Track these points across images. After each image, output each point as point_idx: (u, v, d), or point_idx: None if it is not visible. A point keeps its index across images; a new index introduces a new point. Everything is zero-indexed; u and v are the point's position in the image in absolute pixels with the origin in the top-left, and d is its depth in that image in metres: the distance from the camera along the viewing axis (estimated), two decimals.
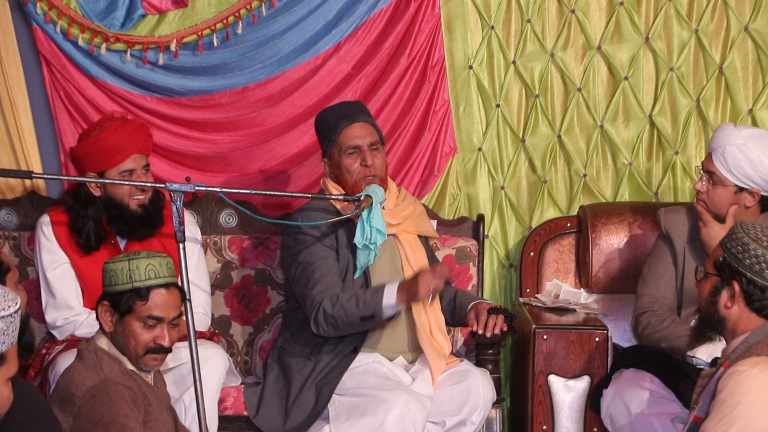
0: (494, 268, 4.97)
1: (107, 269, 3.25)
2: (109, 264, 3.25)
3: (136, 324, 3.22)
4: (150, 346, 3.24)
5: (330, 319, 3.95)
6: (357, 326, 3.98)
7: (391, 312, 3.91)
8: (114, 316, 3.23)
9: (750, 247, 3.06)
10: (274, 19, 4.78)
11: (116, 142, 4.07)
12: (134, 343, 3.23)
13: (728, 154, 4.04)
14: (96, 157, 4.08)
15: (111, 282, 3.23)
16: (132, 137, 4.11)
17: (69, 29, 4.66)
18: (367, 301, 3.92)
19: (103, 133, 4.09)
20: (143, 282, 3.20)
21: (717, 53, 4.91)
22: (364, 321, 3.94)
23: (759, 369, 2.91)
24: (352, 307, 3.93)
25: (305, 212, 4.18)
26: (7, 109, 4.71)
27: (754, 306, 3.07)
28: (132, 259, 3.21)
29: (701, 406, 3.04)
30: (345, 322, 3.94)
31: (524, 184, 4.99)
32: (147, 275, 3.20)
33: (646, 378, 3.97)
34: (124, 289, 3.21)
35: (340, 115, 4.16)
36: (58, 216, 4.18)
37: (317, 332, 4.00)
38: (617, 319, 4.71)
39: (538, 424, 4.26)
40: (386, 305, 3.90)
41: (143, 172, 4.13)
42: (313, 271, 4.03)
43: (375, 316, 3.92)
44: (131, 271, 3.19)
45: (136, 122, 4.25)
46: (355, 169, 4.12)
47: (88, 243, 4.13)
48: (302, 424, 4.01)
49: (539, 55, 4.91)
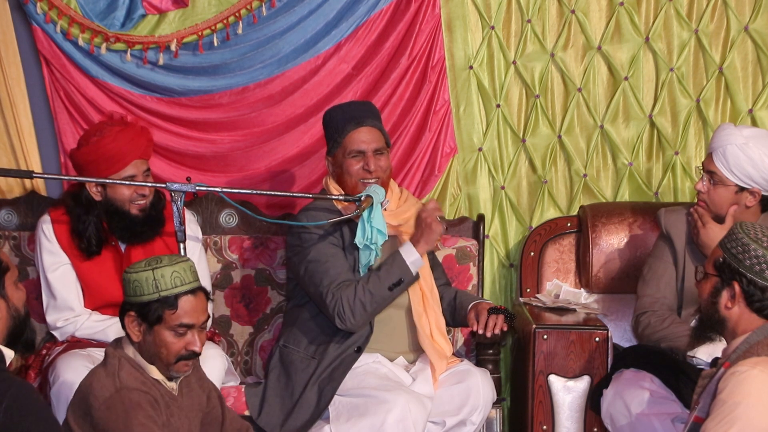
0: (494, 268, 4.97)
1: (130, 279, 3.16)
2: (131, 274, 3.17)
3: (166, 333, 3.15)
4: (182, 353, 3.19)
5: (356, 306, 3.96)
6: (387, 299, 4.02)
7: (417, 266, 4.02)
8: (142, 326, 3.17)
9: (750, 248, 3.06)
10: (275, 19, 4.78)
11: (117, 149, 4.04)
12: (166, 352, 3.18)
13: (729, 153, 4.04)
14: (97, 164, 4.06)
15: (136, 292, 3.15)
16: (132, 143, 4.08)
17: (69, 29, 4.66)
18: (389, 270, 3.99)
19: (104, 140, 4.05)
20: (170, 290, 3.13)
21: (717, 53, 4.91)
22: (394, 288, 4.00)
23: (759, 369, 2.91)
24: (376, 283, 3.98)
25: (309, 212, 4.19)
26: (7, 109, 4.71)
27: (754, 306, 3.07)
28: (156, 268, 3.14)
29: (702, 406, 3.04)
30: (373, 300, 3.98)
31: (524, 184, 5.00)
32: (173, 283, 3.13)
33: (647, 378, 3.97)
34: (151, 299, 3.14)
35: (348, 117, 4.16)
36: (59, 216, 4.16)
37: (343, 327, 4.00)
38: (617, 319, 4.71)
39: (538, 424, 4.26)
40: (411, 262, 4.00)
41: (144, 177, 4.12)
42: (326, 269, 4.04)
43: (403, 278, 3.99)
44: (156, 280, 3.12)
45: (137, 127, 4.20)
46: (356, 171, 4.13)
47: (90, 248, 4.11)
48: (305, 424, 4.02)
49: (539, 56, 4.92)
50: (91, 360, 3.83)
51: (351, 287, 3.99)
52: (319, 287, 4.03)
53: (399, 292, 4.03)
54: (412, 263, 4.00)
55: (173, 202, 3.76)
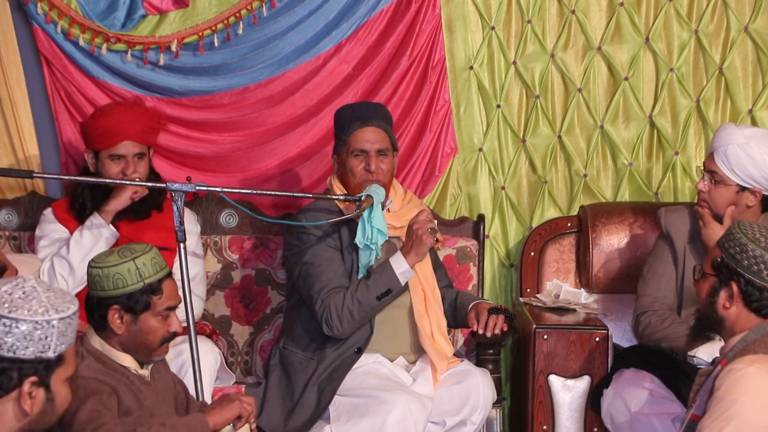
0: (495, 268, 4.98)
1: (110, 273, 3.17)
2: (109, 268, 3.17)
3: (152, 320, 3.21)
4: (165, 335, 3.25)
5: (344, 314, 3.96)
6: (374, 309, 4.01)
7: (407, 277, 4.01)
8: (125, 317, 3.20)
9: (748, 248, 3.06)
10: (275, 19, 4.78)
11: (111, 126, 4.17)
12: (152, 338, 3.23)
13: (730, 153, 4.04)
14: (92, 137, 4.22)
15: (118, 285, 3.17)
16: (127, 123, 4.18)
17: (70, 29, 4.66)
18: (378, 280, 3.98)
19: (104, 115, 4.22)
20: (154, 276, 3.19)
21: (717, 54, 4.91)
22: (382, 299, 3.99)
23: (756, 367, 2.91)
24: (364, 292, 3.98)
25: (308, 212, 4.19)
26: (7, 109, 4.72)
27: (752, 306, 3.07)
28: (135, 258, 3.17)
29: (698, 404, 3.05)
30: (361, 308, 3.97)
31: (525, 184, 5.00)
32: (154, 269, 3.19)
33: (647, 378, 3.97)
34: (136, 289, 3.18)
35: (355, 116, 4.17)
36: (60, 208, 4.28)
37: (330, 333, 4.01)
38: (617, 319, 4.71)
39: (538, 424, 4.26)
40: (400, 273, 3.99)
41: (134, 160, 4.19)
42: (319, 273, 4.04)
43: (392, 289, 3.99)
44: (139, 269, 3.16)
45: (139, 109, 4.32)
46: (358, 171, 4.13)
47: (82, 214, 4.20)
48: (305, 424, 4.02)
49: (540, 56, 4.92)
50: None
51: (340, 294, 3.99)
52: (310, 291, 4.04)
53: (387, 302, 4.03)
54: (402, 274, 4.00)
55: (174, 202, 3.77)
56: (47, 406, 2.53)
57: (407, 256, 3.99)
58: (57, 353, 2.51)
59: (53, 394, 2.53)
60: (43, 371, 2.49)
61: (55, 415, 2.56)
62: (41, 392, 2.50)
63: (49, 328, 2.47)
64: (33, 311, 2.46)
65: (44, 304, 2.48)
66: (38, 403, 2.51)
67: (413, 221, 4.01)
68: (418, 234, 3.96)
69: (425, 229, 3.96)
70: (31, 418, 2.51)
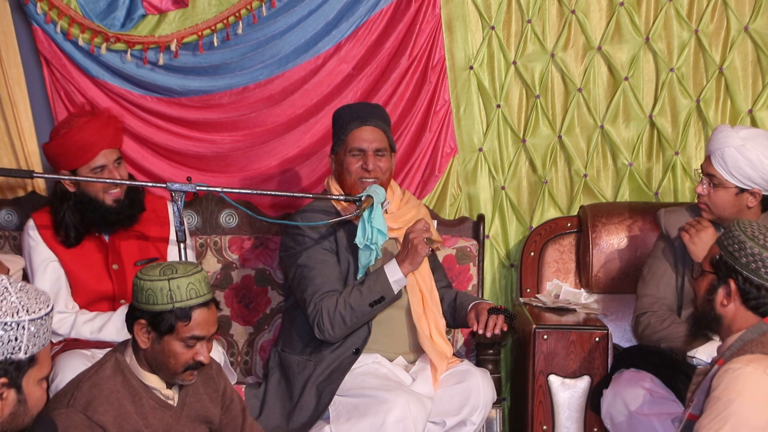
0: (495, 268, 4.97)
1: (143, 287, 3.11)
2: (145, 281, 3.11)
3: (176, 344, 3.12)
4: (189, 363, 3.16)
5: (336, 319, 3.96)
6: (367, 315, 4.01)
7: (400, 285, 4.01)
8: (151, 335, 3.13)
9: (746, 246, 3.06)
10: (275, 19, 4.78)
11: (84, 140, 4.07)
12: (174, 362, 3.15)
13: (727, 156, 4.04)
14: (67, 156, 4.09)
15: (149, 300, 3.10)
16: (100, 133, 4.10)
17: (69, 29, 4.67)
18: (371, 287, 3.98)
19: (71, 131, 4.09)
20: (185, 302, 3.09)
21: (717, 54, 4.91)
22: (375, 306, 3.99)
23: (753, 367, 2.91)
24: (357, 299, 3.97)
25: (305, 214, 4.19)
26: (7, 109, 4.72)
27: (750, 304, 3.07)
28: (172, 278, 3.08)
29: (696, 403, 3.05)
30: (353, 315, 3.97)
31: (525, 184, 5.00)
32: (188, 295, 3.09)
33: (646, 378, 3.97)
34: (164, 310, 3.09)
35: (353, 116, 4.17)
36: (42, 219, 4.19)
37: (322, 337, 4.01)
38: (617, 319, 4.71)
39: (538, 424, 4.26)
40: (394, 281, 3.99)
41: (115, 166, 4.13)
42: (313, 276, 4.04)
43: (384, 296, 3.99)
44: (172, 291, 3.07)
45: (104, 116, 4.21)
46: (355, 170, 4.13)
47: (68, 239, 4.13)
48: (304, 425, 4.02)
49: (540, 56, 4.92)
50: (92, 359, 3.84)
51: (333, 299, 3.99)
52: (303, 294, 4.04)
53: (380, 309, 4.03)
54: (395, 282, 4.00)
55: (174, 202, 3.77)
56: (19, 408, 2.50)
57: (402, 265, 3.99)
58: (29, 354, 2.47)
59: (25, 396, 2.50)
60: (14, 372, 2.45)
61: (28, 417, 2.52)
62: (12, 393, 2.47)
63: (19, 329, 2.43)
64: (2, 312, 2.42)
65: (15, 305, 2.44)
66: (9, 404, 2.47)
67: (410, 230, 4.02)
68: (413, 243, 3.96)
69: (421, 239, 3.96)
70: (3, 419, 2.47)
